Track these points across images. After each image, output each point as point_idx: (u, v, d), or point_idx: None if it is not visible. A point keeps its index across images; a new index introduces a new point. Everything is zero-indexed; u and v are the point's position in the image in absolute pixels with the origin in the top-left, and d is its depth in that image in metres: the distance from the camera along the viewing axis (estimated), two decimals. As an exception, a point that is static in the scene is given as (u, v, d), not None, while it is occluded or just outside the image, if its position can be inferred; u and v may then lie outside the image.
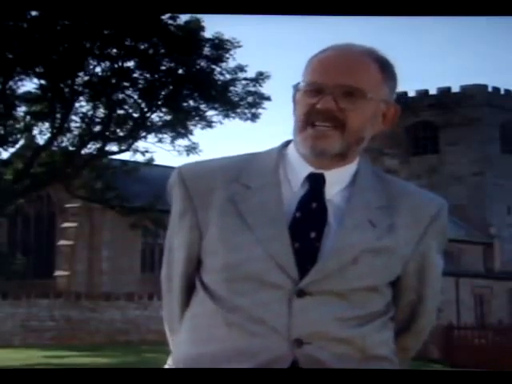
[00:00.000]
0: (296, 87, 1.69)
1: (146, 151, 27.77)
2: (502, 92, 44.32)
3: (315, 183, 1.68)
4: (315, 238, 1.64)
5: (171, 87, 26.37)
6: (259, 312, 1.62)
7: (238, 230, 1.65)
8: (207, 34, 26.14)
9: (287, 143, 1.74)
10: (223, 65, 26.54)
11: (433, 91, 44.62)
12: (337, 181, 1.70)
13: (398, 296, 1.74)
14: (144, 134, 27.45)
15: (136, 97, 26.88)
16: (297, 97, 1.69)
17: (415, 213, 1.71)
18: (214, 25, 30.33)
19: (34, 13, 24.24)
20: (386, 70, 1.72)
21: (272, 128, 57.49)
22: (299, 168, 1.69)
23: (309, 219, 1.65)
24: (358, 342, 1.64)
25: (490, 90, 43.79)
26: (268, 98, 27.33)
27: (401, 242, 1.68)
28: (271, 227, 1.64)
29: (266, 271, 1.63)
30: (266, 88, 28.59)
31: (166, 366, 1.72)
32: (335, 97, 1.64)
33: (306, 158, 1.68)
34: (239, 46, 26.50)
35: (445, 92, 44.01)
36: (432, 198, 1.76)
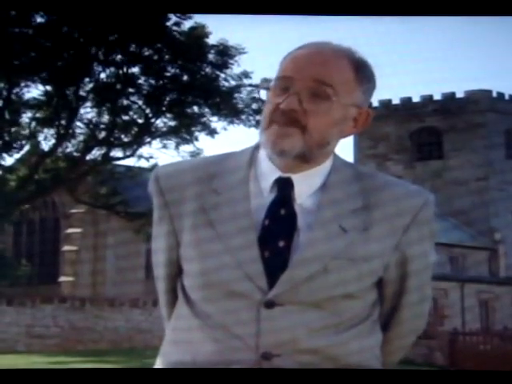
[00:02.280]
0: (264, 84, 1.67)
1: (151, 157, 27.82)
2: (507, 97, 44.29)
3: (283, 188, 1.63)
4: (284, 247, 1.60)
5: (176, 93, 26.40)
6: (228, 322, 1.60)
7: (209, 239, 1.63)
8: (212, 39, 26.21)
9: (258, 146, 1.69)
10: (228, 71, 26.58)
11: (437, 96, 44.63)
12: (306, 184, 1.64)
13: (381, 291, 1.68)
14: (148, 139, 27.49)
15: (141, 103, 26.92)
16: (268, 95, 1.65)
17: (395, 213, 1.64)
18: (220, 29, 30.34)
19: (39, 19, 24.34)
20: (360, 71, 1.64)
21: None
22: (268, 172, 1.65)
23: (278, 227, 1.61)
24: (331, 351, 1.60)
25: (494, 95, 43.77)
26: None
27: (377, 245, 1.62)
28: (241, 236, 1.61)
29: (235, 281, 1.60)
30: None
31: (157, 365, 1.73)
32: (300, 97, 1.59)
33: (272, 160, 1.64)
34: (244, 53, 26.55)
35: (449, 97, 44.00)
36: (414, 194, 1.66)
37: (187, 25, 25.59)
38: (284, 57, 1.65)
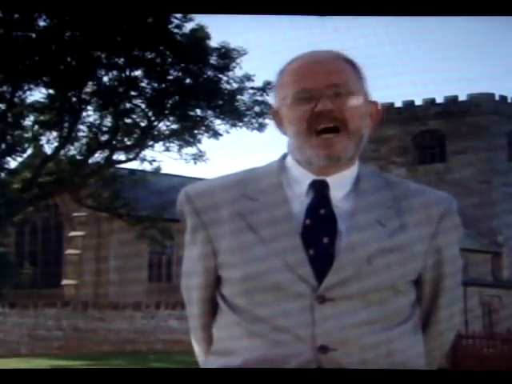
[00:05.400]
0: (277, 105, 1.72)
1: (153, 160, 27.83)
2: (510, 100, 44.25)
3: (320, 190, 1.69)
4: (328, 243, 1.66)
5: (178, 96, 26.41)
6: (282, 321, 1.64)
7: (252, 244, 1.66)
8: (213, 42, 26.23)
9: (285, 156, 1.76)
10: (230, 74, 26.60)
11: (440, 100, 44.59)
12: (340, 186, 1.71)
13: (419, 292, 1.75)
14: (151, 142, 27.50)
15: (143, 106, 26.94)
16: (283, 112, 1.71)
17: (425, 211, 1.72)
18: (221, 31, 30.37)
19: (42, 23, 24.37)
20: (357, 70, 1.74)
21: (280, 138, 57.16)
22: (302, 177, 1.71)
23: (320, 225, 1.67)
24: (383, 347, 1.65)
25: (497, 98, 43.73)
26: None
27: (414, 240, 1.70)
28: (284, 238, 1.66)
29: (285, 281, 1.64)
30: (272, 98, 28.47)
31: None
32: (330, 99, 1.66)
33: (304, 165, 1.70)
34: (245, 53, 26.54)
35: (452, 100, 43.96)
36: (440, 195, 1.78)
37: (189, 27, 25.63)
38: (281, 72, 1.71)
